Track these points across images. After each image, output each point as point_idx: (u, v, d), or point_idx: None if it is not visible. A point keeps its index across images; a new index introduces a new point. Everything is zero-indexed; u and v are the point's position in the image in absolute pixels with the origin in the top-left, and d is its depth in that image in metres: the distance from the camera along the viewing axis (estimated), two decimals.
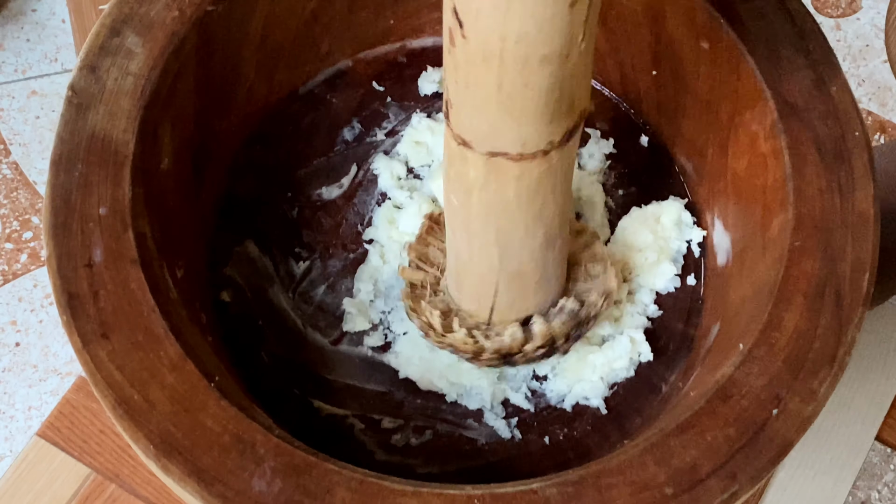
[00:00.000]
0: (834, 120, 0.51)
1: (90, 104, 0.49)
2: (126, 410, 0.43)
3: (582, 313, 0.53)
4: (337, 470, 0.43)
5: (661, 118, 0.61)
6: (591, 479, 0.43)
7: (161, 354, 0.44)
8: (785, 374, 0.46)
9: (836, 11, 1.19)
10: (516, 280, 0.49)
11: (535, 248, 0.48)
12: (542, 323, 0.52)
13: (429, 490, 0.43)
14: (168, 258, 0.49)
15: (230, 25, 0.55)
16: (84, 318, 0.45)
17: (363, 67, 0.64)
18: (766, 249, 0.51)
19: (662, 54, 0.58)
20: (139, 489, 0.70)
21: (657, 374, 0.56)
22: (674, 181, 0.61)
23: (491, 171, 0.43)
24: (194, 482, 0.42)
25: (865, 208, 0.49)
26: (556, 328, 0.52)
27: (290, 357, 0.56)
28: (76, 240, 0.46)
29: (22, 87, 1.19)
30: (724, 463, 0.44)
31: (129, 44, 0.51)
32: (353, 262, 0.59)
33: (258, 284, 0.58)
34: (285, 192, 0.61)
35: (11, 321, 1.06)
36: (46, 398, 1.03)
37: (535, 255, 0.48)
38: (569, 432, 0.55)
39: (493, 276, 0.49)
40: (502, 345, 0.52)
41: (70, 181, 0.48)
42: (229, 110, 0.59)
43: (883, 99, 1.13)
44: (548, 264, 0.49)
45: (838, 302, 0.47)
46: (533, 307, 0.52)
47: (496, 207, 0.45)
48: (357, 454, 0.53)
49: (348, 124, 0.63)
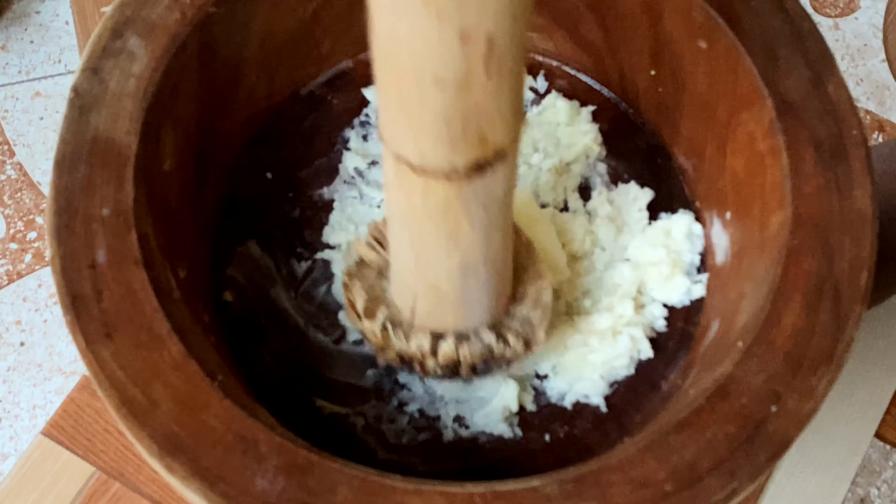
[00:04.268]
0: (832, 119, 0.51)
1: (93, 106, 0.50)
2: (129, 410, 0.43)
3: (496, 351, 0.51)
4: (339, 468, 0.43)
5: (660, 117, 0.62)
6: (592, 476, 0.43)
7: (164, 354, 0.45)
8: (784, 371, 0.46)
9: (835, 11, 1.20)
10: (432, 292, 0.48)
11: (452, 268, 0.46)
12: (450, 344, 0.51)
13: (431, 488, 0.43)
14: (171, 259, 0.50)
15: (231, 27, 0.56)
16: (88, 318, 0.45)
17: (364, 68, 0.64)
18: (765, 248, 0.51)
19: (661, 54, 0.58)
20: (143, 487, 0.70)
21: (657, 372, 0.56)
22: (672, 180, 0.61)
23: (399, 174, 0.42)
24: (198, 481, 0.42)
25: (863, 206, 0.50)
26: (463, 354, 0.51)
27: (293, 356, 0.57)
28: (79, 241, 0.47)
29: (26, 89, 1.19)
30: (723, 460, 0.44)
31: (132, 46, 0.51)
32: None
33: (260, 284, 0.58)
34: (287, 193, 0.61)
35: (16, 321, 1.07)
36: (51, 397, 1.03)
37: (452, 276, 0.47)
38: (569, 430, 0.55)
39: (412, 280, 0.49)
40: (407, 350, 0.51)
41: (73, 182, 0.48)
42: (231, 111, 0.59)
43: (881, 98, 1.13)
44: (469, 290, 0.48)
45: (837, 300, 0.47)
46: (451, 325, 0.51)
47: (407, 213, 0.44)
48: (359, 453, 0.54)
49: (349, 125, 0.63)
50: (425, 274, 0.47)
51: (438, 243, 0.45)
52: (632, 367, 0.56)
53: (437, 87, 0.36)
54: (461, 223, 0.43)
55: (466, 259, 0.46)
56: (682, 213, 0.60)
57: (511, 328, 0.52)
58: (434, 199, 0.42)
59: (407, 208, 0.44)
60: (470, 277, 0.47)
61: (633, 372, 0.56)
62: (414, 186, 0.42)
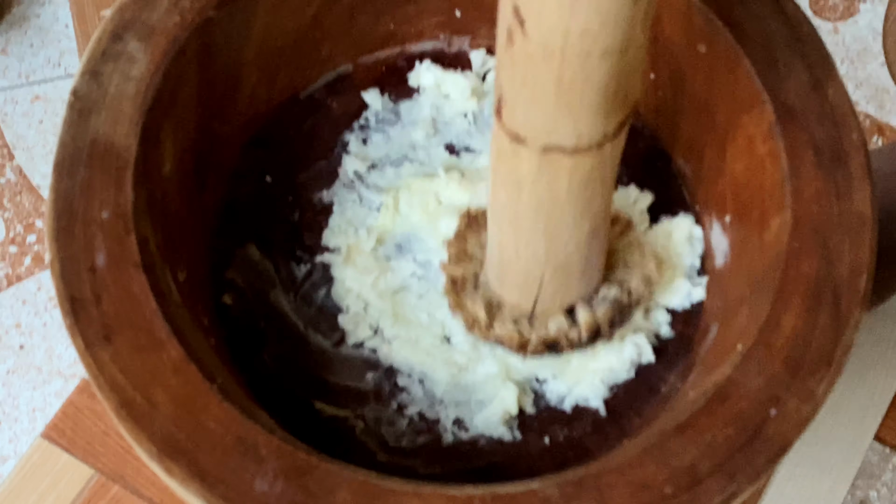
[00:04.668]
0: (831, 122, 0.51)
1: (92, 109, 0.50)
2: (129, 412, 0.44)
3: (624, 300, 0.54)
4: (339, 471, 0.43)
5: (659, 121, 0.62)
6: (591, 478, 0.44)
7: (163, 357, 0.45)
8: (783, 374, 0.46)
9: (835, 15, 1.20)
10: (561, 271, 0.50)
11: (582, 239, 0.48)
12: (587, 312, 0.53)
13: (430, 490, 0.43)
14: (170, 262, 0.50)
15: (231, 31, 0.56)
16: (87, 321, 0.45)
17: (364, 72, 0.65)
18: (765, 251, 0.51)
19: (660, 57, 0.59)
20: (143, 490, 0.70)
21: (657, 375, 0.56)
22: (672, 183, 0.61)
23: (544, 165, 0.43)
24: (197, 484, 0.42)
25: (863, 210, 0.50)
26: (600, 315, 0.53)
27: (292, 359, 0.57)
28: (79, 244, 0.47)
29: (26, 92, 1.19)
30: (722, 463, 0.44)
31: (131, 49, 0.52)
32: None
33: (260, 287, 0.58)
34: (286, 196, 0.61)
35: (16, 324, 1.07)
36: (50, 400, 1.03)
37: (580, 246, 0.49)
38: (569, 433, 0.55)
39: (539, 269, 0.50)
40: (548, 334, 0.53)
41: (73, 185, 0.48)
42: (231, 115, 0.59)
43: (881, 101, 1.14)
44: (591, 254, 0.50)
45: (836, 303, 0.48)
46: (576, 296, 0.53)
47: (547, 202, 0.46)
48: (359, 455, 0.54)
49: (349, 128, 0.63)
50: (556, 256, 0.49)
51: (574, 218, 0.47)
52: (632, 371, 0.56)
53: (603, 59, 0.38)
54: (596, 189, 0.45)
55: (594, 222, 0.48)
56: (682, 217, 0.60)
57: (622, 276, 0.54)
58: (580, 174, 0.43)
59: (547, 198, 0.45)
60: (594, 241, 0.49)
61: (632, 375, 0.56)
62: (562, 171, 0.43)
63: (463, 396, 0.56)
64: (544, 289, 0.51)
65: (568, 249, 0.48)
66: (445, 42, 0.65)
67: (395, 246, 0.59)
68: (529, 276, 0.50)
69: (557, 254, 0.49)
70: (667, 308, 0.58)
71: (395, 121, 0.64)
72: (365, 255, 0.59)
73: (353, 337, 0.57)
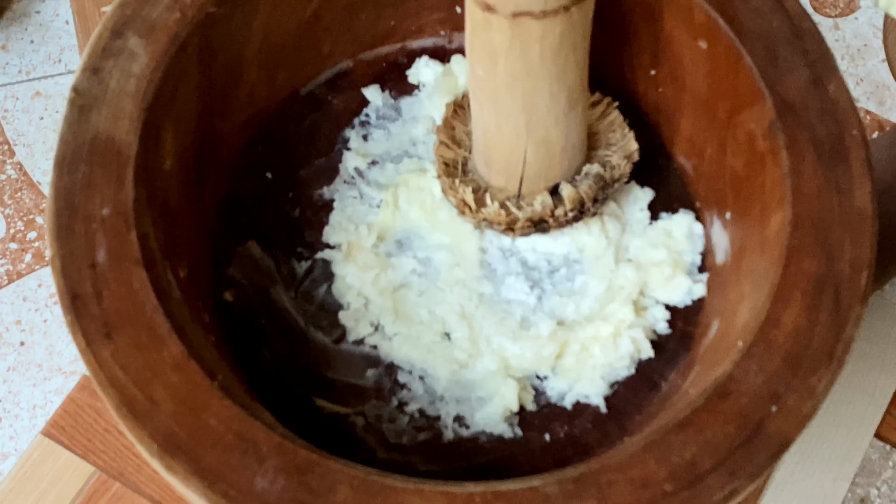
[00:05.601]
0: (832, 119, 0.51)
1: (93, 106, 0.50)
2: (130, 410, 0.44)
3: (607, 176, 0.55)
4: (339, 468, 0.43)
5: (660, 117, 0.62)
6: (592, 476, 0.44)
7: (164, 354, 0.45)
8: (784, 371, 0.46)
9: (835, 11, 1.20)
10: (543, 147, 0.51)
11: (560, 112, 0.49)
12: (571, 188, 0.54)
13: (430, 488, 0.43)
14: (171, 258, 0.50)
15: (232, 27, 0.56)
16: (88, 318, 0.45)
17: (364, 68, 0.64)
18: (765, 248, 0.51)
19: (661, 54, 0.58)
20: (143, 487, 0.70)
21: (657, 372, 0.56)
22: (672, 180, 0.61)
23: (515, 33, 0.44)
24: (197, 481, 0.42)
25: (863, 206, 0.49)
26: (583, 191, 0.54)
27: (293, 356, 0.57)
28: (80, 241, 0.47)
29: (26, 89, 1.19)
30: (723, 460, 0.44)
31: (132, 45, 0.51)
32: None
33: (260, 284, 0.58)
34: (287, 193, 0.61)
35: (16, 321, 1.07)
36: (51, 397, 1.03)
37: (559, 120, 0.50)
38: (569, 430, 0.55)
39: (521, 146, 0.51)
40: (534, 213, 0.54)
41: (73, 182, 0.48)
42: (231, 111, 0.59)
43: (881, 98, 1.14)
44: (571, 129, 0.51)
45: (837, 300, 0.47)
46: (559, 175, 0.54)
47: (521, 72, 0.47)
48: (359, 452, 0.54)
49: (349, 125, 0.63)
50: (536, 130, 0.50)
51: (550, 90, 0.48)
52: (632, 368, 0.56)
53: None
54: (569, 57, 0.47)
55: (571, 94, 0.49)
56: (682, 213, 0.60)
57: (604, 155, 0.56)
58: (550, 40, 0.45)
59: (522, 67, 0.46)
60: (572, 115, 0.50)
61: (633, 372, 0.56)
62: (532, 37, 0.44)
63: (463, 393, 0.56)
64: (528, 166, 0.52)
65: (547, 122, 0.50)
66: (446, 38, 0.65)
67: (395, 242, 0.59)
68: (512, 152, 0.52)
69: (537, 127, 0.50)
70: (667, 305, 0.58)
71: (395, 117, 0.64)
72: (365, 251, 0.59)
73: (354, 334, 0.57)
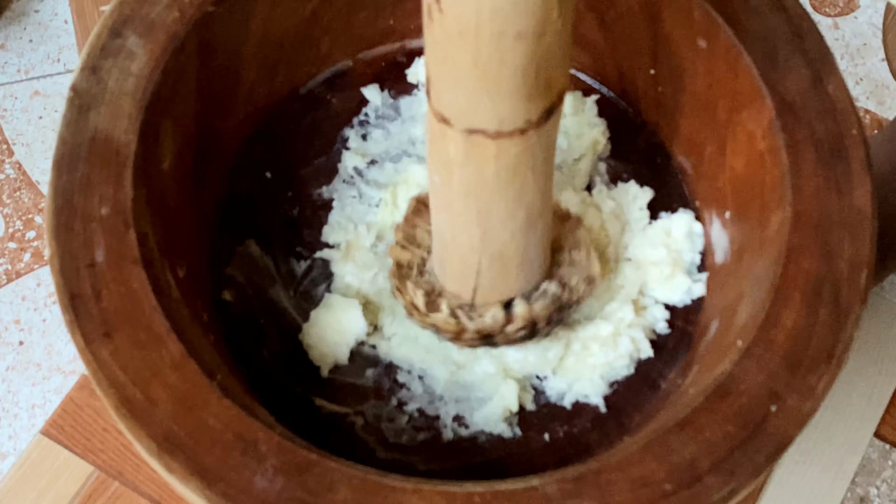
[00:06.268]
0: (831, 118, 0.51)
1: (92, 105, 0.50)
2: (129, 409, 0.43)
3: (564, 297, 0.53)
4: (338, 468, 0.43)
5: (660, 117, 0.62)
6: (591, 475, 0.43)
7: (163, 353, 0.45)
8: (783, 371, 0.46)
9: (835, 10, 1.20)
10: (498, 261, 0.50)
11: (516, 229, 0.48)
12: (524, 305, 0.52)
13: (430, 487, 0.43)
14: (170, 258, 0.50)
15: (231, 26, 0.56)
16: (87, 317, 0.45)
17: (363, 67, 0.64)
18: (765, 247, 0.51)
19: (660, 53, 0.58)
20: (142, 487, 0.70)
21: (656, 372, 0.56)
22: (672, 179, 0.61)
23: (470, 148, 0.43)
24: (197, 480, 0.42)
25: (863, 205, 0.49)
26: (537, 311, 0.52)
27: (292, 355, 0.56)
28: (78, 240, 0.47)
29: (25, 88, 1.19)
30: (722, 459, 0.44)
31: (130, 45, 0.51)
32: None
33: (259, 283, 0.58)
34: (286, 192, 0.61)
35: (15, 320, 1.07)
36: (50, 396, 1.03)
37: (516, 237, 0.48)
38: (569, 429, 0.55)
39: (476, 257, 0.50)
40: (483, 325, 0.52)
41: (72, 181, 0.48)
42: (230, 110, 0.59)
43: (880, 97, 1.14)
44: (529, 247, 0.50)
45: (836, 299, 0.47)
46: (515, 290, 0.52)
47: (476, 186, 0.45)
48: (358, 452, 0.54)
49: (348, 124, 0.63)
50: (492, 244, 0.48)
51: (506, 207, 0.46)
52: (631, 367, 0.56)
53: (518, 41, 0.37)
54: (527, 177, 0.45)
55: (529, 213, 0.47)
56: (682, 213, 0.60)
57: (566, 273, 0.54)
58: (506, 160, 0.43)
59: (476, 182, 0.45)
60: (530, 233, 0.49)
61: (632, 371, 0.56)
62: (487, 155, 0.43)
63: (463, 393, 0.56)
64: (482, 278, 0.51)
65: (503, 238, 0.48)
66: None
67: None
68: (466, 262, 0.50)
69: (492, 243, 0.49)
70: (666, 304, 0.58)
71: (394, 116, 0.63)
72: (364, 251, 0.59)
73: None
